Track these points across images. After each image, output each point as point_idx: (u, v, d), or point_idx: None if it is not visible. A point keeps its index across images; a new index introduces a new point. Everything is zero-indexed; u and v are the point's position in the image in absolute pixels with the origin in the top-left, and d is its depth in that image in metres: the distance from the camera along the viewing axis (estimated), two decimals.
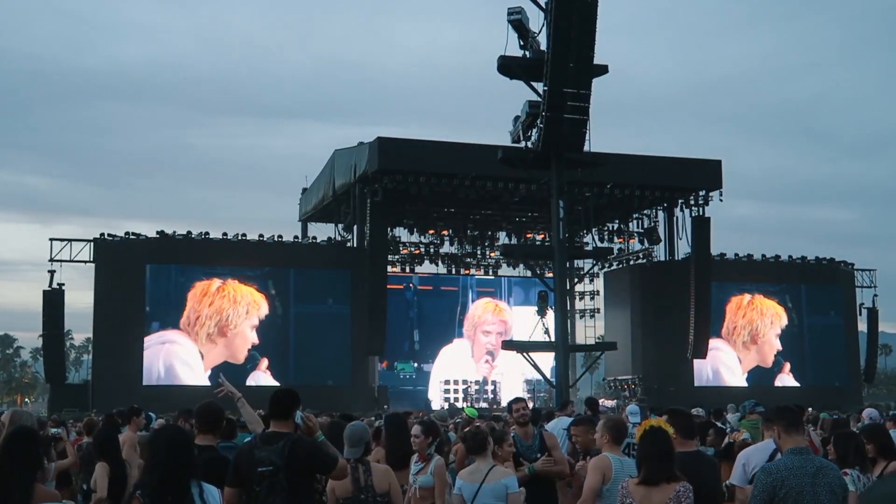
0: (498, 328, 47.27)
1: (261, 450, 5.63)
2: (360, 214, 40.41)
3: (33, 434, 5.27)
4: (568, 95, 29.15)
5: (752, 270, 46.64)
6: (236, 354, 39.14)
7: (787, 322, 46.88)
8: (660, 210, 46.17)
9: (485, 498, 6.67)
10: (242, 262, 39.96)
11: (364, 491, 6.40)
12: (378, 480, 6.46)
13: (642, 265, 46.95)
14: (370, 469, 6.52)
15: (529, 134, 31.38)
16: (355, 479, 6.39)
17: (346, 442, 6.57)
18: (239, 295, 39.67)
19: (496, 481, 6.74)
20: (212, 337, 39.10)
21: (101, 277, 39.42)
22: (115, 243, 39.76)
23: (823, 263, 48.68)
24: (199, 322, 39.09)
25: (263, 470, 5.56)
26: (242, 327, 39.45)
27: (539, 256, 41.60)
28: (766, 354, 46.64)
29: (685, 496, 5.36)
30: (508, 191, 39.19)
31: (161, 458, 4.78)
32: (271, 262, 40.25)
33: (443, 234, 46.96)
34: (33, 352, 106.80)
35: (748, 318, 46.21)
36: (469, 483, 6.75)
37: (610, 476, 6.44)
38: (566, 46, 28.67)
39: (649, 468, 5.42)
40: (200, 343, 38.94)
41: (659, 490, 5.34)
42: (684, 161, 43.78)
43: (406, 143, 40.01)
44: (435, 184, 39.21)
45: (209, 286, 39.43)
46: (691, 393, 39.83)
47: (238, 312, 39.49)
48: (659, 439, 5.54)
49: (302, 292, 40.52)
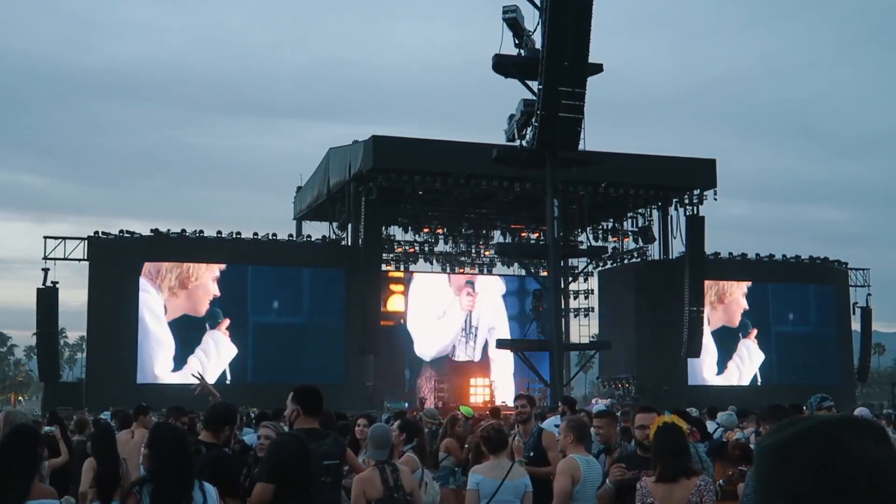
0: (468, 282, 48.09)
1: (317, 444, 5.72)
2: (354, 213, 40.40)
3: (33, 433, 5.25)
4: (563, 94, 29.21)
5: (746, 269, 46.72)
6: (197, 307, 39.48)
7: (751, 283, 46.84)
8: (654, 209, 46.22)
9: (505, 494, 6.68)
10: (237, 260, 39.93)
11: (395, 490, 6.47)
12: (407, 481, 6.53)
13: (637, 264, 47.00)
14: (398, 469, 6.59)
15: (524, 132, 31.45)
16: (384, 479, 6.44)
17: (372, 444, 6.60)
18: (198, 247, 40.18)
19: (518, 479, 6.79)
20: (173, 290, 39.41)
21: (95, 276, 39.36)
22: (109, 241, 39.71)
23: (817, 263, 48.77)
24: (161, 275, 39.43)
25: (330, 463, 5.76)
26: (204, 279, 39.72)
27: (534, 255, 41.63)
28: (734, 313, 46.48)
29: (706, 489, 5.32)
30: (503, 189, 39.19)
31: (168, 458, 4.80)
32: (266, 260, 40.22)
33: (437, 232, 46.97)
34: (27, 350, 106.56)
35: (713, 280, 46.06)
36: (490, 479, 6.72)
37: (579, 478, 6.46)
38: (561, 45, 28.73)
39: (665, 464, 5.36)
40: (163, 294, 39.33)
41: (679, 486, 5.30)
42: (679, 160, 43.86)
43: (401, 142, 40.01)
44: (430, 182, 39.21)
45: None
46: (685, 392, 39.91)
47: (199, 266, 39.85)
48: (673, 435, 5.49)
49: (296, 290, 40.51)
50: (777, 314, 47.12)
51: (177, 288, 39.38)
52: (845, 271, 49.89)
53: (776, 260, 47.66)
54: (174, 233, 40.05)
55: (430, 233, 46.80)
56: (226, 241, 40.33)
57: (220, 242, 40.22)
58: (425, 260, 48.05)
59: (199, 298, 39.59)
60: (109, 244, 39.57)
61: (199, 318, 39.43)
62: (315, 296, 40.80)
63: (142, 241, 39.50)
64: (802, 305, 47.57)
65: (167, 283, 39.32)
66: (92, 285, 39.44)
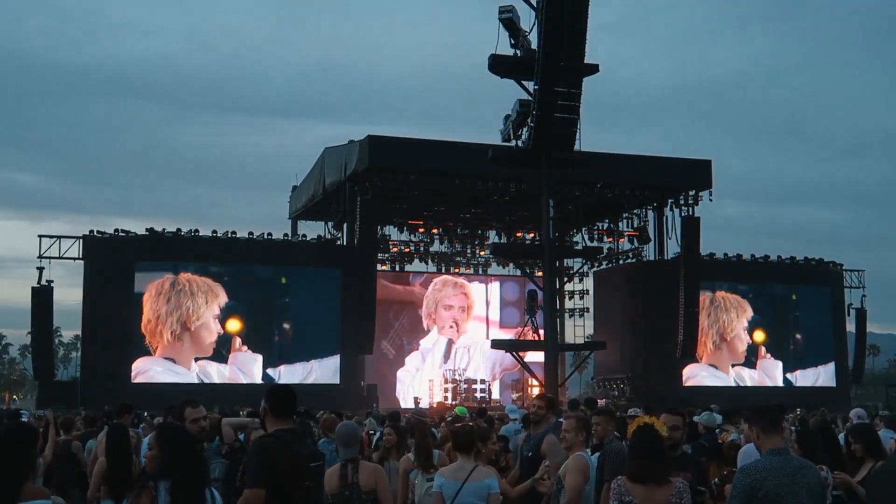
0: (459, 301, 47.85)
1: (300, 447, 5.48)
2: (350, 212, 40.35)
3: (26, 433, 5.15)
4: (559, 94, 29.20)
5: (741, 270, 46.73)
6: (204, 347, 38.65)
7: (752, 313, 46.57)
8: (650, 210, 46.22)
9: (466, 497, 6.63)
10: (231, 259, 39.87)
11: (349, 488, 6.42)
12: (364, 479, 6.48)
13: (632, 265, 47.01)
14: (358, 467, 6.54)
15: (520, 133, 31.44)
16: (342, 475, 6.41)
17: (339, 442, 6.57)
18: (195, 286, 39.19)
19: (479, 481, 6.71)
20: (176, 334, 38.50)
21: (90, 275, 39.29)
22: (104, 240, 39.61)
23: (812, 264, 48.80)
24: (161, 321, 38.45)
25: (316, 465, 5.58)
26: (205, 318, 38.93)
27: (529, 255, 41.65)
28: (737, 349, 46.40)
29: (685, 491, 5.34)
30: (498, 190, 39.18)
31: (181, 456, 4.85)
32: (261, 259, 40.17)
33: (433, 232, 46.96)
34: (22, 349, 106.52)
35: (714, 318, 45.91)
36: (451, 481, 6.70)
37: (589, 476, 6.46)
38: (557, 45, 28.70)
39: (640, 466, 5.37)
40: (164, 347, 38.37)
41: (658, 490, 5.30)
42: (674, 161, 43.88)
43: (396, 142, 39.98)
44: (425, 182, 39.20)
45: (164, 284, 38.89)
46: (680, 392, 39.96)
47: (197, 304, 38.91)
48: (650, 437, 5.50)
49: (292, 290, 40.46)
50: (773, 315, 47.10)
51: (179, 331, 38.55)
52: (840, 272, 49.93)
53: (771, 261, 47.70)
54: (169, 232, 39.96)
55: (425, 233, 46.78)
56: (221, 240, 40.27)
57: (215, 242, 40.16)
58: (421, 260, 48.08)
59: (204, 338, 38.83)
60: (104, 243, 39.47)
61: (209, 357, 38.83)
62: (310, 295, 40.74)
63: (137, 240, 39.42)
64: (797, 307, 47.56)
65: (168, 328, 38.49)
66: (87, 284, 39.36)
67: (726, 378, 45.52)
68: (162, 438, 5.13)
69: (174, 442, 4.97)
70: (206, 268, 39.51)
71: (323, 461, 5.63)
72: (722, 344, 45.90)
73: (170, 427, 5.52)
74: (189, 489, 4.76)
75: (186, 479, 4.79)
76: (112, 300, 38.45)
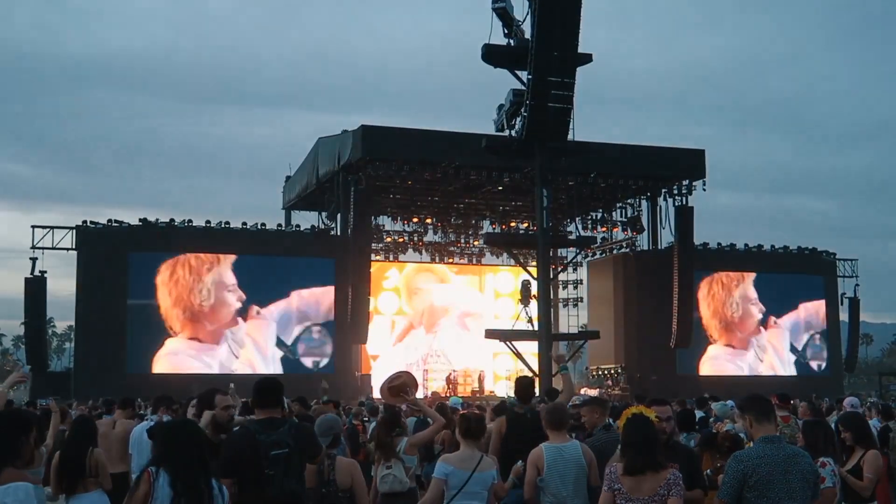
0: (450, 295, 48.14)
1: (267, 434, 5.60)
2: (343, 202, 40.28)
3: (14, 419, 5.10)
4: (552, 84, 29.13)
5: (735, 260, 46.87)
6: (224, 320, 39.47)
7: (755, 275, 47.12)
8: (643, 199, 46.23)
9: (474, 486, 6.66)
10: (225, 249, 39.81)
11: (326, 485, 6.42)
12: (341, 476, 6.48)
13: (626, 254, 47.03)
14: (335, 463, 6.54)
15: (513, 122, 31.37)
16: (319, 471, 6.40)
17: (318, 433, 6.58)
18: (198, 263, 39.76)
19: (486, 471, 6.77)
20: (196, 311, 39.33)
21: (83, 265, 39.23)
22: (97, 231, 39.56)
23: (806, 253, 48.94)
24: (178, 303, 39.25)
25: (279, 453, 5.57)
26: (219, 293, 39.65)
27: (522, 245, 41.64)
28: (748, 325, 46.93)
29: (675, 483, 5.31)
30: (492, 179, 39.16)
31: (181, 449, 4.86)
32: (254, 249, 40.12)
33: (426, 222, 46.90)
34: (15, 339, 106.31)
35: (720, 299, 46.44)
36: (460, 470, 6.69)
37: (542, 467, 6.77)
38: (550, 35, 28.65)
39: (633, 456, 5.37)
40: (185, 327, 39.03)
41: (647, 479, 5.30)
42: (668, 151, 43.85)
43: (390, 132, 39.89)
44: (419, 172, 39.16)
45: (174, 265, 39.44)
46: (674, 382, 40.03)
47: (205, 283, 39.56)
48: (642, 427, 5.49)
49: (285, 280, 40.44)
50: (766, 304, 47.22)
51: (198, 307, 39.35)
52: (833, 262, 50.05)
53: (764, 251, 47.80)
54: (162, 222, 39.92)
55: (419, 223, 46.73)
56: (214, 230, 40.21)
57: (208, 232, 40.09)
58: (414, 250, 48.05)
59: (223, 315, 39.76)
60: (97, 233, 39.42)
61: None
62: (304, 285, 40.71)
63: (130, 230, 39.37)
64: (790, 296, 47.67)
65: (185, 309, 39.20)
66: (80, 274, 39.31)
67: (743, 358, 46.19)
68: (155, 431, 5.23)
69: (167, 434, 4.99)
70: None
71: (288, 450, 5.60)
72: (732, 322, 46.38)
73: (164, 423, 5.58)
74: (188, 478, 4.77)
75: (186, 468, 4.80)
76: (106, 290, 38.41)
